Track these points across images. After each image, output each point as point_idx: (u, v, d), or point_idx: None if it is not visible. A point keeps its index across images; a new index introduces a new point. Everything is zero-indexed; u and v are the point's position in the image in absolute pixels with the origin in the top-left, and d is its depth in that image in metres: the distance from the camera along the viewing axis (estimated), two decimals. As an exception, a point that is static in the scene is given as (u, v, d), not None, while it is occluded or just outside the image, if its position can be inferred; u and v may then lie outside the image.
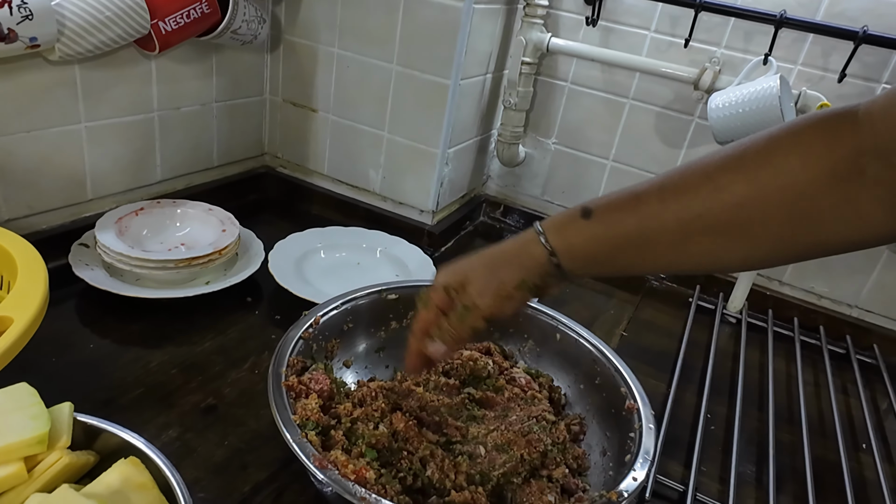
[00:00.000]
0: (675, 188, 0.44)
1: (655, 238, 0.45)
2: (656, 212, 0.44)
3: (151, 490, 0.39)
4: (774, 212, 0.41)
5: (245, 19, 0.86)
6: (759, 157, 0.41)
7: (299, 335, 0.59)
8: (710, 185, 0.42)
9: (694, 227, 0.43)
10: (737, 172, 0.42)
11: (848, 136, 0.39)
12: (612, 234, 0.46)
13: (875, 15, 0.81)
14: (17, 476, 0.36)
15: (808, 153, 0.40)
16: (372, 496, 0.43)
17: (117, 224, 0.78)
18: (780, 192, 0.40)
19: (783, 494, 0.64)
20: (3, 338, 0.48)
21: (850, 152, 0.39)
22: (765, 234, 0.42)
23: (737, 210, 0.42)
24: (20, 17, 0.60)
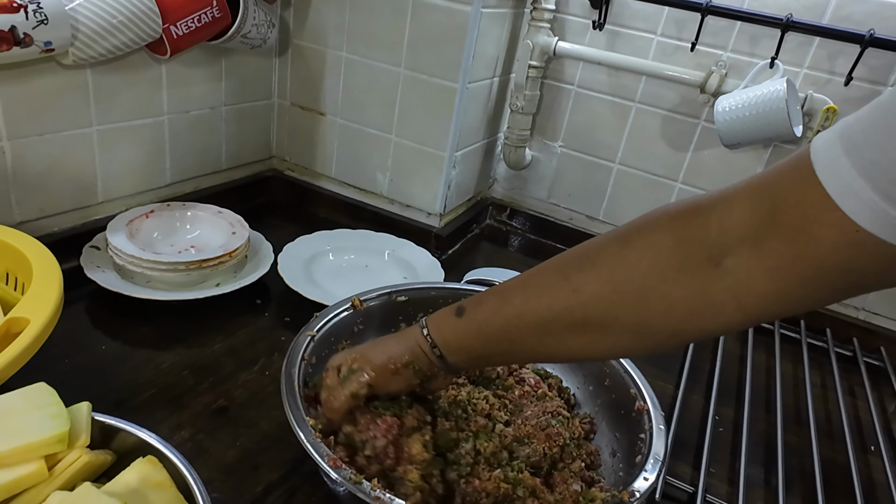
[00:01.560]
0: (535, 288, 0.47)
1: (521, 336, 0.48)
2: (519, 312, 0.47)
3: (169, 488, 0.39)
4: (629, 306, 0.43)
5: (255, 23, 0.86)
6: (613, 257, 0.44)
7: (311, 336, 0.59)
8: (568, 285, 0.45)
9: (554, 325, 0.46)
10: (591, 272, 0.44)
11: (699, 228, 0.41)
12: (479, 330, 0.50)
13: (881, 18, 0.81)
14: (38, 474, 0.37)
15: (659, 249, 0.42)
16: (386, 495, 0.44)
17: (128, 226, 0.78)
18: (631, 287, 0.43)
19: (792, 496, 0.64)
20: (20, 338, 0.48)
21: (701, 245, 0.40)
22: (622, 328, 0.44)
23: (592, 308, 0.44)
24: (36, 21, 0.61)
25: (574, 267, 0.46)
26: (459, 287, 0.72)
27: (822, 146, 0.36)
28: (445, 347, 0.51)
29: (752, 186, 0.40)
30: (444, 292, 0.70)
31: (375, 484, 0.45)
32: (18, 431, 0.37)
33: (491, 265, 0.98)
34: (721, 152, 0.96)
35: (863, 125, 0.34)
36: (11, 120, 0.70)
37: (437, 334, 0.51)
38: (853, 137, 0.34)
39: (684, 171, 1.01)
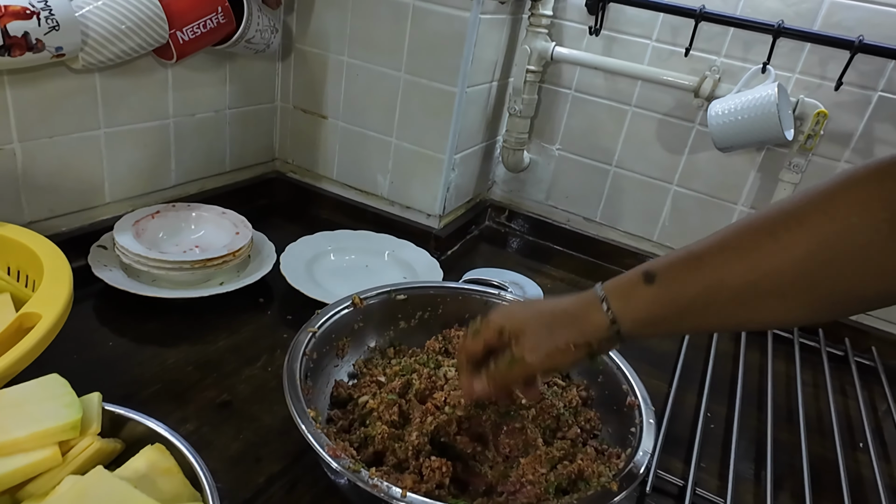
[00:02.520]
0: (737, 247, 0.44)
1: (722, 300, 0.44)
2: (721, 273, 0.44)
3: (177, 475, 0.41)
4: (841, 266, 0.40)
5: (258, 29, 0.88)
6: (819, 211, 0.41)
7: (312, 332, 0.61)
8: (774, 243, 0.42)
9: (761, 287, 0.42)
10: (798, 228, 0.41)
11: None
12: (677, 298, 0.45)
13: (870, 25, 0.83)
14: (53, 459, 0.38)
15: (869, 202, 0.40)
16: (384, 483, 0.45)
17: (135, 226, 0.80)
18: (845, 244, 0.40)
19: (781, 491, 0.66)
20: (32, 333, 0.50)
21: None
22: (833, 290, 0.41)
23: (804, 267, 0.41)
24: (47, 27, 0.63)
25: (780, 224, 0.42)
26: (457, 286, 0.74)
27: None
28: (631, 322, 0.47)
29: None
30: (442, 291, 0.72)
31: (373, 472, 0.46)
32: (34, 419, 0.39)
33: (490, 266, 1.00)
34: (715, 155, 0.97)
35: None
36: (22, 123, 0.72)
37: (622, 308, 0.47)
38: None
39: (679, 173, 1.03)
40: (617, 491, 0.48)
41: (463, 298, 0.73)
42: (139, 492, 0.35)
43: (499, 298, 0.73)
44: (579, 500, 0.48)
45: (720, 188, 1.01)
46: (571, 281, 1.05)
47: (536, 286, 0.94)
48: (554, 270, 1.08)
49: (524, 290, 0.92)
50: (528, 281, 0.95)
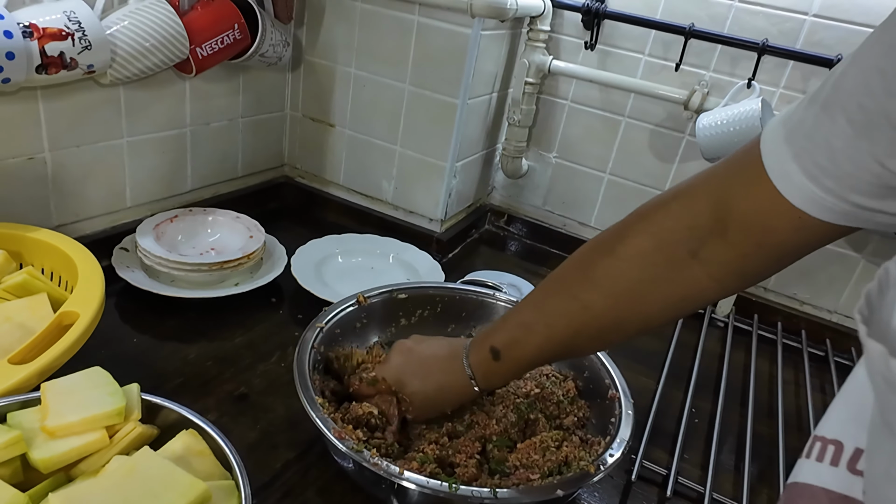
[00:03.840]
0: (552, 313, 0.55)
1: (550, 355, 0.58)
2: (546, 337, 0.55)
3: (209, 457, 0.46)
4: (634, 308, 0.51)
5: (272, 43, 0.93)
6: (607, 271, 0.51)
7: (320, 328, 0.67)
8: (578, 304, 0.53)
9: (577, 340, 0.55)
10: (594, 290, 0.52)
11: (670, 231, 0.48)
12: (518, 366, 0.59)
13: (849, 44, 0.88)
14: (101, 441, 0.43)
15: (644, 256, 0.49)
16: (383, 462, 0.50)
17: (155, 230, 0.85)
18: (631, 295, 0.50)
19: (758, 480, 0.71)
20: (73, 329, 0.55)
21: (678, 240, 0.48)
22: (631, 326, 0.53)
23: (604, 319, 0.53)
24: (81, 47, 0.68)
25: (578, 285, 0.53)
26: (454, 286, 0.80)
27: (770, 140, 0.41)
28: (492, 386, 0.62)
29: (711, 181, 0.47)
30: (440, 291, 0.77)
31: (374, 453, 0.52)
32: (84, 405, 0.44)
33: (489, 268, 1.05)
34: (704, 164, 1.02)
35: (802, 121, 0.39)
36: (53, 133, 0.77)
37: (484, 382, 0.60)
38: (794, 133, 0.39)
39: (670, 181, 1.08)
40: (594, 473, 0.53)
41: (460, 298, 0.78)
42: (181, 469, 0.40)
43: (493, 298, 0.78)
44: (560, 481, 0.53)
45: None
46: (567, 283, 1.10)
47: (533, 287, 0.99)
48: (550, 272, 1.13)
49: (521, 292, 0.96)
50: (526, 283, 1.00)
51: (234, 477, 0.44)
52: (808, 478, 0.28)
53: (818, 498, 0.27)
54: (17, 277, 0.63)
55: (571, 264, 0.55)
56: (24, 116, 0.74)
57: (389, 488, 0.51)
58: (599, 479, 0.55)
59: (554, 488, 0.52)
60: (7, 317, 0.59)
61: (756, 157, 0.42)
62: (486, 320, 0.78)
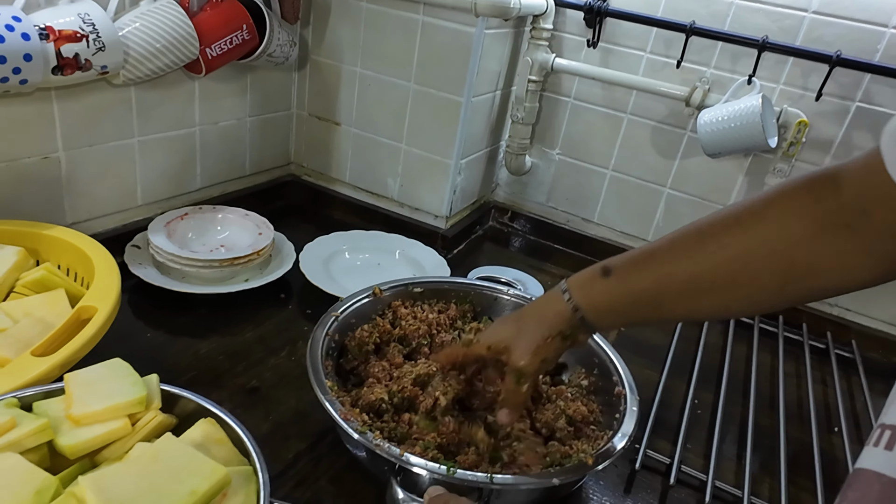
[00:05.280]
0: (684, 247, 0.50)
1: (668, 293, 0.50)
2: (668, 270, 0.50)
3: (227, 444, 0.47)
4: (771, 263, 0.46)
5: (279, 43, 0.95)
6: (755, 215, 0.47)
7: (335, 316, 0.68)
8: (715, 243, 0.48)
9: (702, 282, 0.49)
10: (736, 229, 0.48)
11: (832, 194, 0.45)
12: (629, 290, 0.52)
13: (848, 40, 0.89)
14: (124, 429, 0.45)
15: (799, 209, 0.46)
16: (385, 444, 0.52)
17: (166, 227, 0.87)
18: (776, 244, 0.46)
19: (759, 468, 0.72)
20: (92, 322, 0.57)
21: (835, 207, 0.44)
22: (765, 284, 0.47)
23: (739, 264, 0.47)
24: (95, 49, 0.69)
25: (720, 227, 0.49)
26: (468, 282, 0.81)
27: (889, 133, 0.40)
28: (592, 310, 0.54)
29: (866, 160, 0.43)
30: (455, 285, 0.79)
31: (378, 435, 0.53)
32: (107, 395, 0.46)
33: (493, 264, 1.06)
34: (706, 160, 1.04)
35: None
36: (67, 133, 0.79)
37: (582, 297, 0.54)
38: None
39: (672, 177, 1.09)
40: (591, 465, 0.55)
41: (474, 293, 0.79)
42: (202, 454, 0.42)
43: (506, 294, 0.80)
44: (557, 471, 0.54)
45: (710, 191, 1.07)
46: (570, 278, 1.11)
47: (537, 283, 1.01)
48: (554, 268, 1.14)
49: (526, 287, 0.98)
50: (530, 278, 1.02)
51: (252, 463, 0.46)
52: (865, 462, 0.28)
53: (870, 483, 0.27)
54: (35, 274, 0.65)
55: (714, 214, 0.50)
56: (39, 117, 0.75)
57: (391, 470, 0.52)
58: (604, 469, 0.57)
59: (550, 477, 0.53)
60: (27, 311, 0.61)
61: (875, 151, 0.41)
62: (498, 315, 0.80)
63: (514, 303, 0.80)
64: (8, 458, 0.39)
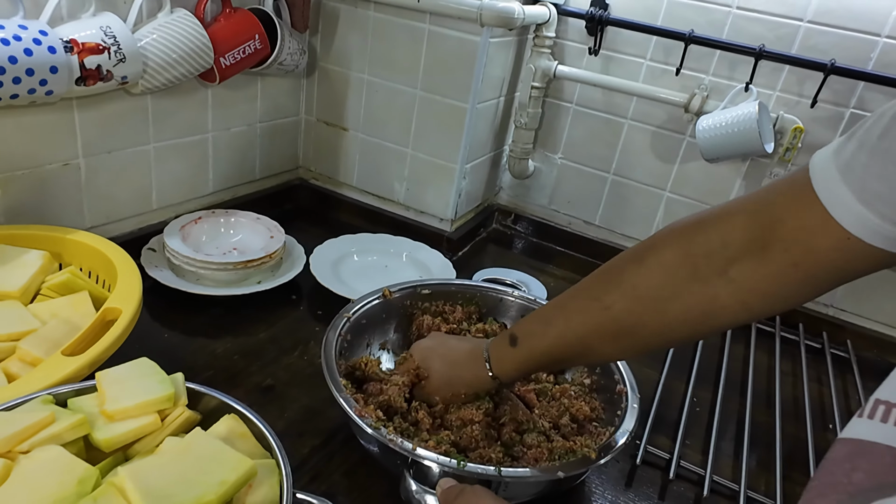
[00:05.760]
0: (572, 311, 0.57)
1: (565, 352, 0.58)
2: (561, 332, 0.57)
3: (250, 438, 0.50)
4: (652, 315, 0.51)
5: (289, 52, 0.98)
6: (633, 275, 0.52)
7: (347, 317, 0.71)
8: (599, 305, 0.54)
9: (592, 339, 0.55)
10: (616, 291, 0.53)
11: (702, 243, 0.48)
12: (531, 356, 0.60)
13: (842, 48, 0.92)
14: (154, 424, 0.48)
15: (671, 264, 0.50)
16: (398, 439, 0.55)
17: (181, 231, 0.90)
18: (652, 299, 0.51)
19: (755, 464, 0.75)
20: (118, 323, 0.60)
21: (707, 257, 0.48)
22: (649, 333, 0.53)
23: (622, 320, 0.53)
24: (116, 60, 0.72)
25: (601, 288, 0.54)
26: (475, 284, 0.84)
27: (820, 168, 0.43)
28: (506, 377, 0.63)
29: (751, 203, 0.47)
30: (461, 287, 0.82)
31: (391, 430, 0.56)
32: (138, 392, 0.48)
33: (497, 265, 1.09)
34: (704, 164, 1.06)
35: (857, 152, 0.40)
36: (86, 140, 0.82)
37: (498, 368, 0.62)
38: (849, 163, 0.41)
39: (672, 181, 1.12)
40: (594, 459, 0.57)
41: (481, 295, 0.82)
42: (229, 447, 0.45)
43: (511, 296, 0.83)
44: (562, 464, 0.57)
45: (709, 194, 1.10)
46: (572, 279, 1.13)
47: (541, 284, 1.04)
48: (556, 270, 1.17)
49: (529, 288, 1.01)
50: (533, 279, 1.04)
51: (274, 456, 0.48)
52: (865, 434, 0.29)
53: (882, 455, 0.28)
54: (60, 277, 0.68)
55: (600, 270, 0.56)
56: (61, 125, 0.78)
57: (404, 464, 0.55)
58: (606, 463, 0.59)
59: (555, 470, 0.56)
60: (53, 313, 0.64)
61: (805, 180, 0.43)
62: (503, 316, 0.83)
63: (518, 304, 0.82)
64: (51, 450, 0.42)
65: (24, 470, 0.40)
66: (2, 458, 0.41)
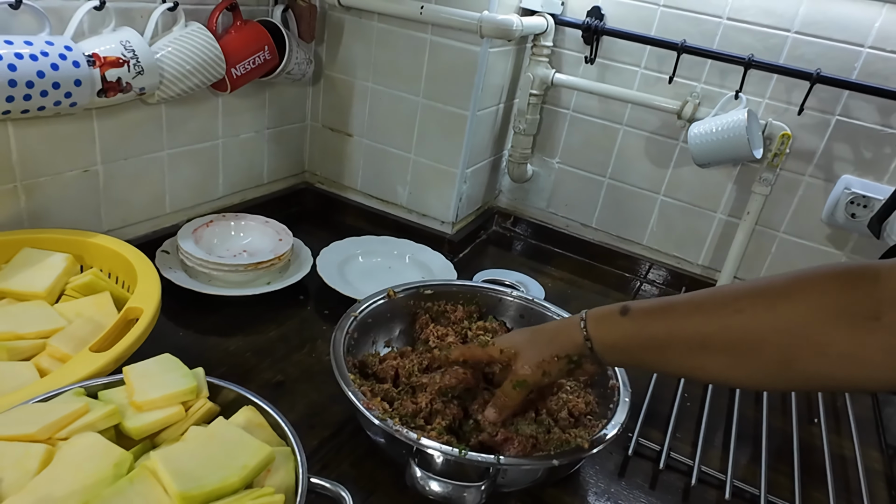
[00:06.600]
0: (702, 303, 0.51)
1: (675, 344, 0.51)
2: (681, 322, 0.51)
3: (267, 428, 0.54)
4: (783, 336, 0.46)
5: (297, 62, 1.02)
6: (780, 290, 0.47)
7: (354, 316, 0.75)
8: (733, 305, 0.49)
9: (710, 340, 0.49)
10: (757, 299, 0.48)
11: (866, 285, 0.44)
12: (640, 333, 0.54)
13: (828, 58, 0.96)
14: (179, 414, 0.52)
15: (825, 292, 0.45)
16: (403, 430, 0.58)
17: (194, 234, 0.94)
18: (791, 319, 0.45)
19: (742, 455, 0.78)
20: (140, 322, 0.64)
21: (863, 298, 0.43)
22: (770, 357, 0.47)
23: (748, 329, 0.47)
24: (135, 72, 0.76)
25: (739, 293, 0.49)
26: (475, 284, 0.88)
27: None
28: (601, 344, 0.56)
29: None
30: (462, 288, 0.86)
31: (397, 421, 0.60)
32: (163, 385, 0.52)
33: (497, 267, 1.13)
34: (697, 169, 1.10)
35: None
36: (105, 148, 0.86)
37: (595, 330, 0.56)
38: None
39: (665, 185, 1.16)
40: (587, 449, 0.61)
41: (481, 295, 0.86)
42: (250, 435, 0.49)
43: (510, 296, 0.87)
44: (556, 453, 0.61)
45: (701, 198, 1.14)
46: (570, 280, 1.18)
47: (539, 285, 1.08)
48: (554, 271, 1.21)
49: (528, 289, 1.05)
50: (532, 280, 1.08)
51: (289, 444, 0.52)
52: None
53: None
54: (84, 278, 0.72)
55: (740, 283, 0.52)
56: (81, 134, 0.82)
57: (409, 452, 0.59)
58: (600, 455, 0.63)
59: (550, 458, 0.60)
60: (78, 312, 0.68)
61: None
62: (502, 315, 0.87)
63: (517, 304, 0.86)
64: (88, 437, 0.46)
65: (65, 455, 0.44)
66: (44, 444, 0.45)
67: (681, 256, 1.19)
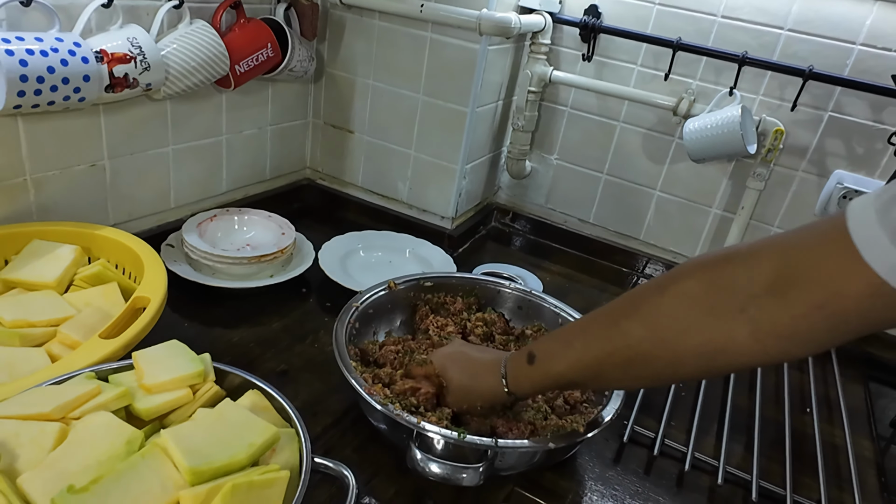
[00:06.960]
0: (592, 334, 0.57)
1: (580, 374, 0.58)
2: (579, 356, 0.57)
3: (271, 411, 0.56)
4: (667, 345, 0.50)
5: (299, 59, 1.03)
6: (653, 304, 0.51)
7: (356, 307, 0.77)
8: (618, 330, 0.53)
9: (607, 363, 0.55)
10: (635, 318, 0.52)
11: (729, 278, 0.47)
12: (547, 376, 0.60)
13: (821, 56, 0.98)
14: (187, 397, 0.54)
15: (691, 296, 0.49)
16: (404, 415, 0.60)
17: (198, 228, 0.96)
18: (668, 329, 0.50)
19: (734, 443, 0.80)
20: (147, 310, 0.66)
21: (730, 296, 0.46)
22: (662, 363, 0.51)
23: (637, 347, 0.52)
24: (141, 69, 0.78)
25: (622, 314, 0.54)
26: (474, 276, 0.90)
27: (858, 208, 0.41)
28: (519, 390, 0.63)
29: (782, 241, 0.46)
30: (461, 280, 0.88)
31: (398, 406, 0.62)
32: (171, 369, 0.54)
33: (496, 261, 1.15)
34: (692, 164, 1.12)
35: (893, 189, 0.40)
36: (111, 143, 0.87)
37: (513, 383, 0.63)
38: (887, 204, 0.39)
39: (662, 180, 1.18)
40: (583, 433, 0.63)
41: (480, 287, 0.88)
42: (255, 416, 0.50)
43: (508, 288, 0.88)
44: (552, 437, 0.63)
45: (697, 193, 1.15)
46: (568, 275, 1.20)
47: (537, 279, 1.09)
48: (552, 265, 1.23)
49: (526, 282, 1.06)
50: (530, 274, 1.10)
51: (293, 426, 0.54)
52: None
53: None
54: (92, 269, 0.73)
55: (623, 297, 0.56)
56: (88, 129, 0.84)
57: (410, 436, 0.61)
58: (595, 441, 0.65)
59: (547, 441, 0.62)
60: (87, 302, 0.70)
61: (840, 221, 0.41)
62: (501, 307, 0.89)
63: (515, 296, 0.88)
64: (101, 416, 0.47)
65: (79, 433, 0.46)
66: (59, 422, 0.47)
67: (677, 251, 1.20)
